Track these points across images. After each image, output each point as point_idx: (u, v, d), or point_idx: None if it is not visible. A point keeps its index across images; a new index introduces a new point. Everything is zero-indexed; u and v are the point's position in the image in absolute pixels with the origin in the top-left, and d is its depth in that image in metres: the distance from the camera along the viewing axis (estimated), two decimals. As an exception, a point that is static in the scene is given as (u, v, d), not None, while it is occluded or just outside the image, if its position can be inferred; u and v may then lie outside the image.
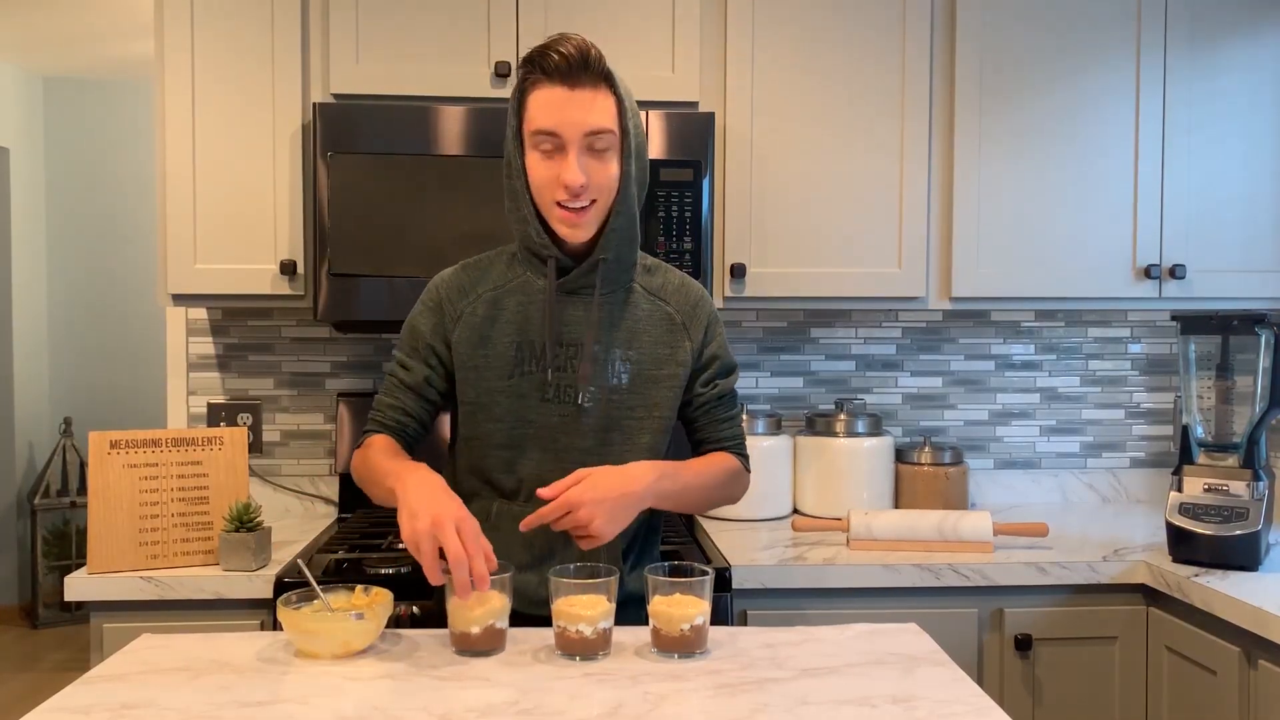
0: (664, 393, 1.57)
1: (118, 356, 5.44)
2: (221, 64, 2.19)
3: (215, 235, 2.19)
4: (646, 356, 1.56)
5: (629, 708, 1.18)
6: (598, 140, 1.44)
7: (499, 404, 1.54)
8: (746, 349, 2.65)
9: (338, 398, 2.47)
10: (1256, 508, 1.94)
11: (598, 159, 1.45)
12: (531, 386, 1.53)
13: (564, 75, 1.42)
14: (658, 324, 1.58)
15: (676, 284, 1.62)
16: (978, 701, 1.21)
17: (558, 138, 1.43)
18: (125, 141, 5.39)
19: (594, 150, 1.45)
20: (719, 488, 1.60)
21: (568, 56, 1.41)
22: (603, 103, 1.44)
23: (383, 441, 1.54)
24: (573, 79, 1.42)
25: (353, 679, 1.27)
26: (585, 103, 1.42)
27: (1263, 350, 1.98)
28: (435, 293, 1.58)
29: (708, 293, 1.65)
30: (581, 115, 1.42)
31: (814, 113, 2.30)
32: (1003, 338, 2.70)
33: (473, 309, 1.56)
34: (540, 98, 1.44)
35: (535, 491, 1.43)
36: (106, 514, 1.93)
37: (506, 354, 1.54)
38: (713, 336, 1.62)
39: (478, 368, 1.54)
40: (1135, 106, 2.35)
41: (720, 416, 1.63)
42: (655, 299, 1.59)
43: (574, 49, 1.41)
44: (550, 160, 1.45)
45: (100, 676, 1.29)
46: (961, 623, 2.02)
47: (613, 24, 2.23)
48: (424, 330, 1.57)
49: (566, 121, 1.42)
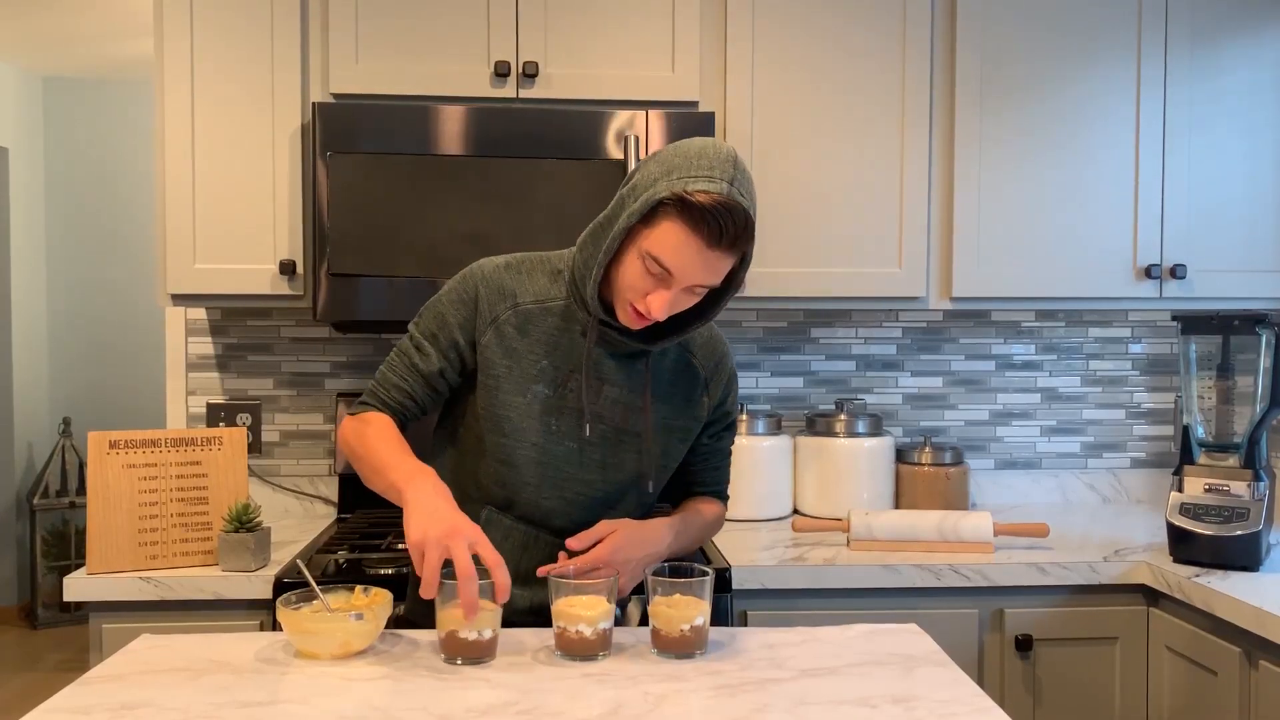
0: (675, 443, 1.57)
1: (117, 356, 5.44)
2: (221, 64, 2.19)
3: (215, 235, 2.19)
4: (665, 406, 1.54)
5: (629, 708, 1.18)
6: (701, 289, 1.41)
7: (509, 419, 1.49)
8: (746, 349, 2.65)
9: (337, 398, 2.47)
10: (1257, 508, 1.94)
11: (690, 295, 1.41)
12: (545, 410, 1.50)
13: (710, 238, 1.35)
14: (681, 374, 1.56)
15: (705, 338, 1.59)
16: (978, 702, 1.21)
17: (669, 275, 1.38)
18: (125, 141, 5.39)
19: (693, 292, 1.41)
20: (709, 534, 1.68)
21: (726, 229, 1.34)
22: (725, 265, 1.38)
23: (382, 422, 1.49)
24: (715, 244, 1.35)
25: (352, 679, 1.27)
26: (713, 264, 1.37)
27: (1263, 350, 1.97)
28: (474, 287, 1.51)
29: (729, 347, 1.64)
30: (701, 272, 1.37)
31: (814, 113, 2.30)
32: (1003, 338, 2.70)
33: (508, 316, 1.50)
34: (675, 235, 1.35)
35: (565, 542, 1.48)
36: (106, 514, 1.93)
37: (530, 371, 1.49)
38: (729, 392, 1.62)
39: (499, 377, 1.49)
40: (1136, 106, 2.35)
41: (715, 464, 1.66)
42: (682, 349, 1.57)
43: (736, 227, 1.34)
44: (649, 278, 1.39)
45: (100, 677, 1.29)
46: (962, 623, 2.02)
47: (613, 23, 2.23)
48: (452, 321, 1.51)
49: (687, 273, 1.37)
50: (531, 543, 1.54)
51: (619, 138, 2.14)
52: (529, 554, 1.53)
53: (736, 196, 1.34)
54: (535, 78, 2.21)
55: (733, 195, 1.33)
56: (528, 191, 2.10)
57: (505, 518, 1.54)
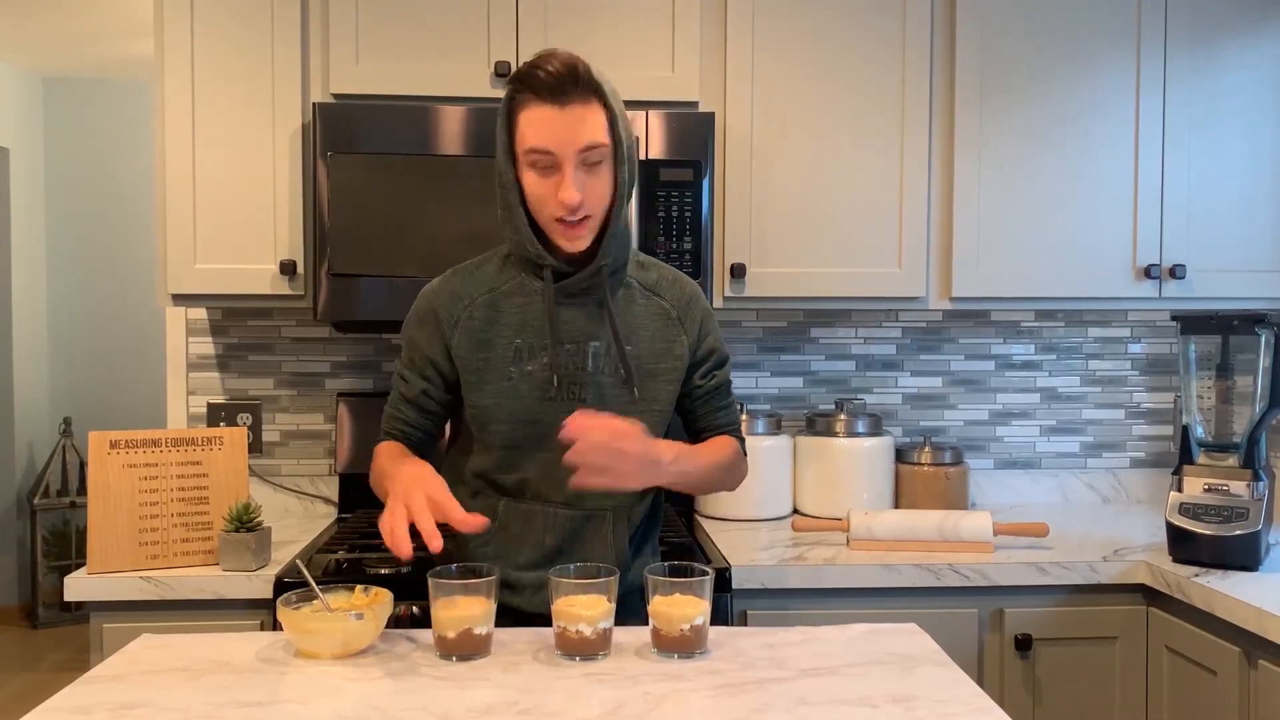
0: (662, 386, 1.59)
1: (117, 356, 5.44)
2: (221, 64, 2.19)
3: (215, 235, 2.19)
4: (645, 351, 1.58)
5: (629, 708, 1.18)
6: (592, 154, 1.44)
7: (503, 405, 1.55)
8: (746, 349, 2.65)
9: (337, 398, 2.47)
10: (1256, 508, 1.94)
11: (592, 173, 1.46)
12: (533, 386, 1.54)
13: (553, 93, 1.41)
14: (654, 319, 1.59)
15: (670, 279, 1.63)
16: (978, 701, 1.21)
17: (552, 155, 1.43)
18: (125, 141, 5.39)
19: (588, 165, 1.45)
20: (725, 470, 1.62)
21: (556, 74, 1.41)
22: (594, 117, 1.44)
23: (389, 446, 1.58)
24: (563, 96, 1.41)
25: (353, 679, 1.27)
26: (577, 120, 1.42)
27: (1263, 350, 1.97)
28: (427, 303, 1.59)
29: (699, 287, 1.67)
30: (574, 133, 1.42)
31: (814, 113, 2.30)
32: (1003, 338, 2.70)
33: (469, 313, 1.56)
34: (531, 116, 1.43)
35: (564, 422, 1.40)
36: (106, 514, 1.93)
37: (507, 355, 1.55)
38: (708, 330, 1.64)
39: (479, 370, 1.55)
40: (1135, 106, 2.35)
41: (718, 405, 1.66)
42: (651, 294, 1.60)
43: (562, 65, 1.41)
44: (546, 177, 1.45)
45: (100, 676, 1.29)
46: (961, 623, 2.02)
47: (613, 23, 2.23)
48: (420, 342, 1.58)
49: (560, 140, 1.42)
50: (553, 521, 1.57)
51: (619, 138, 2.14)
52: (552, 533, 1.57)
53: (556, 51, 1.43)
54: (535, 78, 2.20)
55: (550, 50, 1.44)
56: (528, 191, 2.10)
57: (521, 504, 1.57)
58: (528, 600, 1.56)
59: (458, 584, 1.35)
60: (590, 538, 1.57)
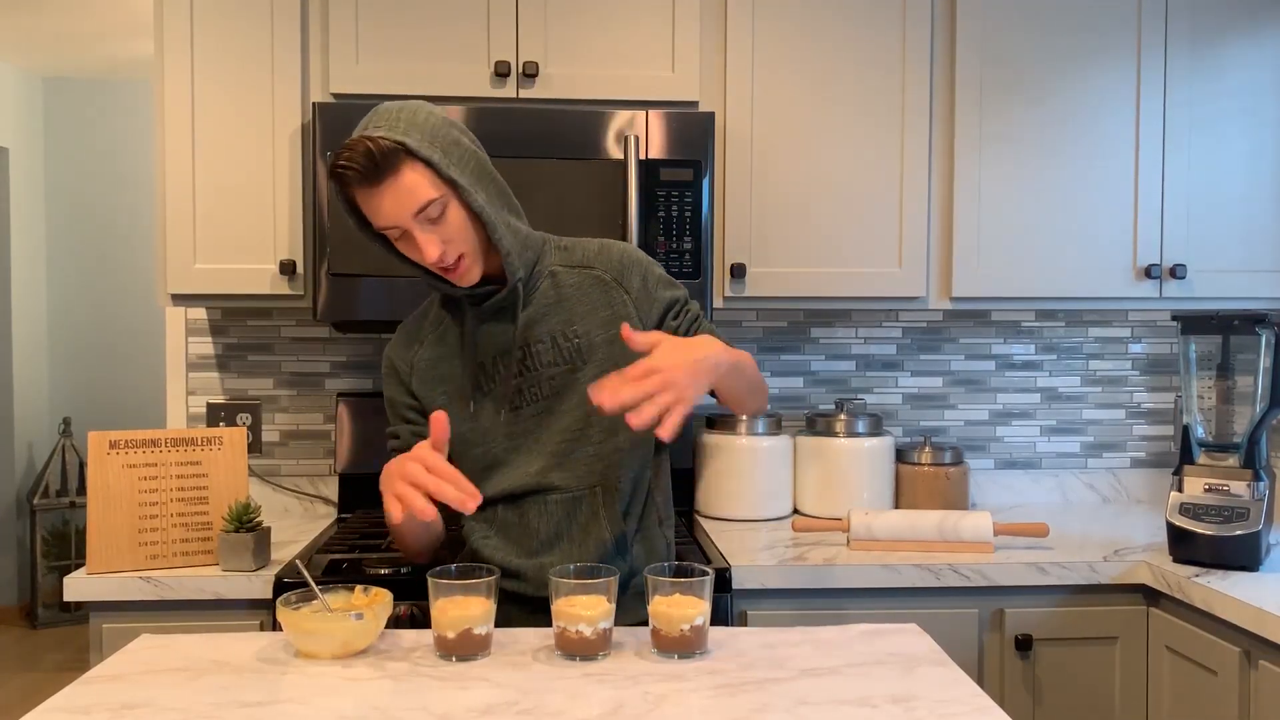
0: (622, 349, 1.54)
1: (117, 356, 5.44)
2: (221, 64, 2.19)
3: (215, 235, 2.19)
4: (590, 325, 1.58)
5: (629, 708, 1.18)
6: (429, 211, 1.45)
7: (475, 431, 1.58)
8: (746, 349, 2.64)
9: (337, 398, 2.47)
10: (1257, 508, 1.94)
11: (439, 222, 1.46)
12: (498, 404, 1.57)
13: (366, 178, 1.42)
14: (588, 291, 1.59)
15: (595, 249, 1.63)
16: (978, 701, 1.21)
17: (397, 228, 1.46)
18: (125, 141, 5.39)
19: (431, 221, 1.46)
20: (754, 374, 1.57)
21: (355, 165, 1.41)
22: (411, 180, 1.43)
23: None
24: (375, 177, 1.42)
25: (353, 679, 1.27)
26: (399, 192, 1.43)
27: (1263, 350, 1.97)
28: (388, 362, 1.66)
29: (633, 247, 1.64)
30: (402, 204, 1.43)
31: (814, 113, 2.30)
32: (1003, 338, 2.70)
33: (420, 355, 1.62)
34: (361, 199, 1.46)
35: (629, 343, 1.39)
36: (106, 514, 1.93)
37: (465, 384, 1.58)
38: (648, 276, 1.61)
39: (444, 406, 1.58)
40: (1136, 106, 2.35)
41: (707, 332, 1.60)
42: (578, 269, 1.61)
43: (360, 156, 1.41)
44: (406, 243, 1.49)
45: (100, 676, 1.29)
46: (962, 623, 2.02)
47: (613, 23, 2.23)
48: (396, 399, 1.64)
49: (394, 214, 1.44)
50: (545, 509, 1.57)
51: (619, 138, 2.14)
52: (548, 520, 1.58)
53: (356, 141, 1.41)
54: (535, 78, 2.21)
55: (354, 138, 1.42)
56: (528, 191, 2.10)
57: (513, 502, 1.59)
58: (534, 586, 1.57)
59: (458, 584, 1.35)
60: (585, 518, 1.57)
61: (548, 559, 1.57)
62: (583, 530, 1.57)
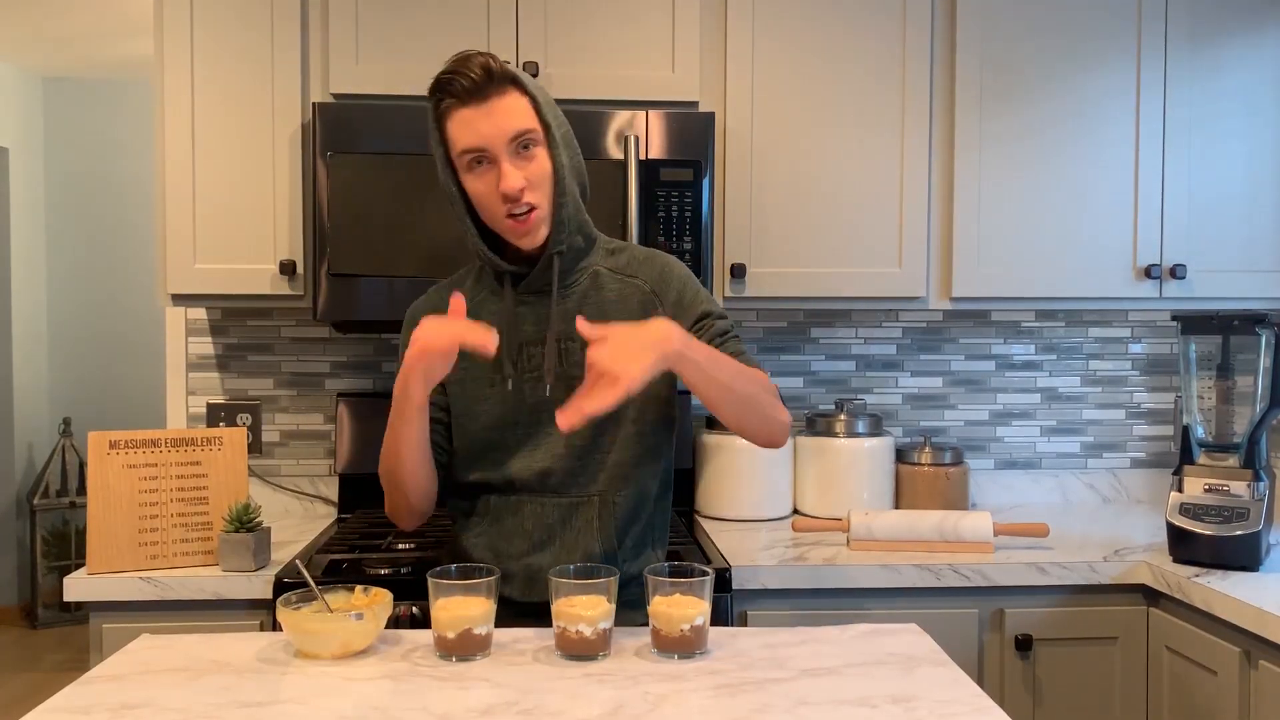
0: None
1: (117, 356, 5.44)
2: (221, 64, 2.19)
3: (215, 235, 2.19)
4: None
5: (629, 708, 1.18)
6: (523, 140, 1.47)
7: (486, 411, 1.57)
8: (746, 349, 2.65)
9: (337, 398, 2.47)
10: (1257, 508, 1.94)
11: (526, 159, 1.48)
12: (513, 389, 1.56)
13: (472, 94, 1.45)
14: (628, 300, 1.58)
15: (642, 258, 1.63)
16: (978, 701, 1.21)
17: (484, 151, 1.46)
18: (125, 141, 5.39)
19: (522, 153, 1.47)
20: (750, 383, 1.49)
21: (470, 75, 1.44)
22: (517, 106, 1.47)
23: None
24: (481, 94, 1.45)
25: (353, 679, 1.27)
26: (501, 112, 1.45)
27: (1263, 350, 1.97)
28: (414, 320, 1.62)
29: (679, 261, 1.64)
30: (500, 125, 1.45)
31: (814, 113, 2.30)
32: (1003, 338, 2.70)
33: None
34: (457, 120, 1.47)
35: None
36: (106, 514, 1.93)
37: (487, 363, 1.56)
38: (686, 290, 1.59)
39: (461, 380, 1.58)
40: (1136, 106, 2.35)
41: (731, 352, 1.56)
42: (623, 277, 1.60)
43: (477, 67, 1.44)
44: (484, 175, 1.48)
45: (100, 677, 1.29)
46: (962, 623, 2.02)
47: (612, 23, 2.23)
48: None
49: (488, 135, 1.45)
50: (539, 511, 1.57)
51: (619, 138, 2.14)
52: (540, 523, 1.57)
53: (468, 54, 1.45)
54: (535, 78, 2.21)
55: (463, 53, 1.46)
56: (528, 191, 2.10)
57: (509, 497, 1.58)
58: (519, 590, 1.56)
59: (457, 584, 1.35)
60: (578, 526, 1.57)
61: (534, 561, 1.56)
62: (574, 537, 1.56)
